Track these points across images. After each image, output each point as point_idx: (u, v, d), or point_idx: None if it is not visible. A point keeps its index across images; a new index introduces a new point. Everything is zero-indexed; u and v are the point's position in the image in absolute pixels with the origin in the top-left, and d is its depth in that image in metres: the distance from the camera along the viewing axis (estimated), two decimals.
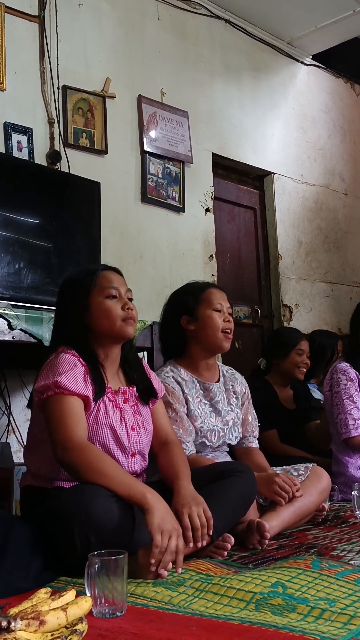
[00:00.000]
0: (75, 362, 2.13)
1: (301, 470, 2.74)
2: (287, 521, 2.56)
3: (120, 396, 2.23)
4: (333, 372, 3.42)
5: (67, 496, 1.92)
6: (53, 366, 2.12)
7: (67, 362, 2.12)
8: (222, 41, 5.18)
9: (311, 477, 2.72)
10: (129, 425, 2.20)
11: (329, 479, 2.80)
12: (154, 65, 4.63)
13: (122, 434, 2.17)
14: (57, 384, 2.06)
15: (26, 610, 1.43)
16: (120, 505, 1.91)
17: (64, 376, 2.07)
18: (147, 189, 4.42)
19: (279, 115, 5.62)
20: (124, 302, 2.25)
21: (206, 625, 1.45)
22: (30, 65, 3.89)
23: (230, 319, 2.77)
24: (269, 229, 5.53)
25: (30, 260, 3.30)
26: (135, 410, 2.26)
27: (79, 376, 2.10)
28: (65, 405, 2.05)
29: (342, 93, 6.37)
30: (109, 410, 2.16)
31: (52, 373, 2.10)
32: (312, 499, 2.65)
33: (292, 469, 2.76)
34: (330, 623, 1.43)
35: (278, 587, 1.65)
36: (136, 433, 2.22)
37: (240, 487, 2.28)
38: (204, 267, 4.77)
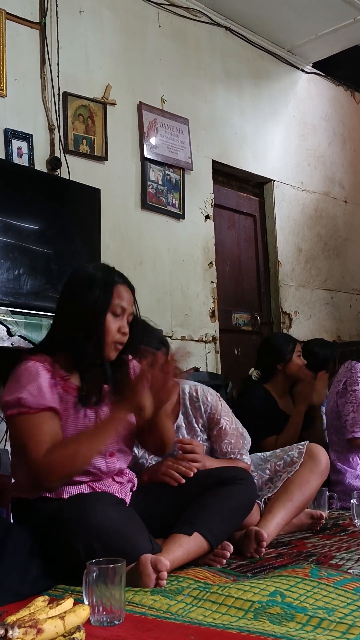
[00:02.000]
0: (38, 369, 2.03)
1: (295, 456, 2.69)
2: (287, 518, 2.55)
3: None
4: (352, 370, 3.39)
5: (70, 504, 1.91)
6: (16, 377, 2.05)
7: (29, 372, 2.03)
8: (222, 48, 5.19)
9: (306, 461, 2.65)
10: None
11: (326, 457, 2.73)
12: (155, 72, 4.64)
13: None
14: (20, 401, 1.99)
15: (24, 619, 1.43)
16: (123, 513, 1.91)
17: (27, 391, 1.99)
18: (147, 195, 4.43)
19: (279, 123, 5.63)
20: (121, 325, 2.14)
21: (204, 634, 1.44)
22: (31, 72, 3.90)
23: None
24: (268, 236, 5.53)
25: (30, 266, 3.30)
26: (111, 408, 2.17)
27: (43, 386, 2.01)
28: (31, 427, 1.99)
29: (342, 101, 6.38)
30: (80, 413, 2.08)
31: (15, 386, 2.03)
32: (310, 485, 2.61)
33: (286, 455, 2.73)
34: (328, 632, 1.43)
35: (276, 596, 1.64)
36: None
37: (241, 495, 2.26)
38: (203, 274, 4.77)
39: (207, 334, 4.71)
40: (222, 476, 2.29)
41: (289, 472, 2.64)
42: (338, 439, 3.42)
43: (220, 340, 4.84)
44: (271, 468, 2.74)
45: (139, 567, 1.81)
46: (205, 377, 4.18)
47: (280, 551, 2.41)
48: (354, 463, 3.34)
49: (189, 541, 2.04)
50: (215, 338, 4.78)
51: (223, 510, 2.18)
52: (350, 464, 3.34)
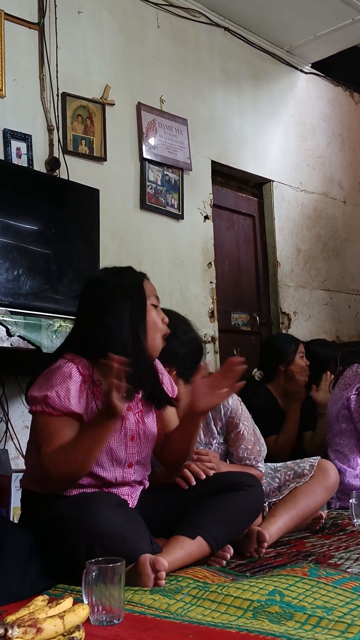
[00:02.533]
0: (71, 371, 2.04)
1: (306, 468, 2.69)
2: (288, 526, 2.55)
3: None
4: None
5: (70, 505, 1.91)
6: (48, 374, 2.07)
7: (62, 372, 2.04)
8: (221, 49, 5.20)
9: (317, 475, 2.65)
10: (128, 436, 2.13)
11: (337, 474, 2.74)
12: (154, 73, 4.65)
13: (118, 446, 2.10)
14: (46, 400, 2.01)
15: (23, 618, 1.43)
16: (124, 515, 1.91)
17: (55, 391, 2.01)
18: (146, 196, 4.43)
19: (278, 123, 5.63)
20: (162, 315, 2.20)
21: (203, 633, 1.45)
22: (30, 72, 3.90)
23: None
24: (267, 236, 5.54)
25: (29, 266, 3.30)
26: (139, 418, 2.18)
27: (72, 389, 2.02)
28: (50, 428, 2.02)
29: (341, 101, 6.39)
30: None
31: (46, 383, 2.05)
32: (317, 497, 2.61)
33: (297, 466, 2.73)
34: (327, 631, 1.43)
35: (275, 595, 1.64)
36: (136, 444, 2.15)
37: (248, 502, 2.23)
38: (202, 275, 4.78)
39: (206, 335, 4.71)
40: (231, 481, 2.26)
41: (298, 482, 2.63)
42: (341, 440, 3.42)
43: (220, 341, 4.84)
44: (281, 477, 2.73)
45: (138, 567, 1.82)
46: None
47: (279, 550, 2.41)
48: (354, 463, 3.34)
49: (191, 544, 2.03)
50: (214, 338, 4.78)
51: (228, 516, 2.16)
52: (350, 464, 3.34)
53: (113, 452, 2.10)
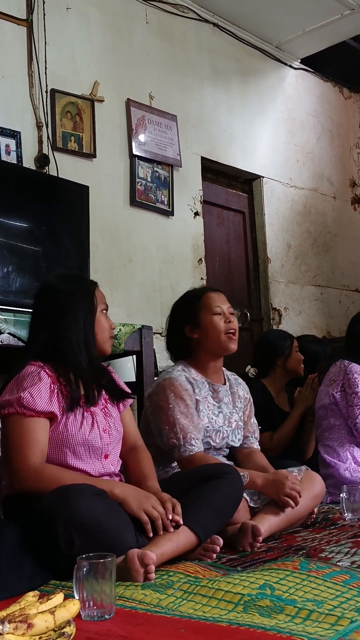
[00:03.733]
0: (40, 373, 2.14)
1: (294, 472, 2.74)
2: (279, 525, 2.56)
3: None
4: (347, 372, 3.41)
5: (51, 496, 1.92)
6: (18, 380, 2.15)
7: (31, 375, 2.14)
8: (210, 45, 5.19)
9: (304, 481, 2.71)
10: (100, 428, 2.22)
11: (323, 485, 2.80)
12: (143, 69, 4.64)
13: (94, 437, 2.19)
14: (19, 400, 2.08)
15: (14, 614, 1.43)
16: (105, 506, 1.92)
17: (28, 392, 2.09)
18: (136, 192, 4.43)
19: (267, 119, 5.64)
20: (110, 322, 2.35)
21: (194, 627, 1.45)
22: (18, 69, 3.89)
23: (232, 319, 2.81)
24: (258, 232, 5.54)
25: (18, 264, 3.30)
26: (105, 413, 2.29)
27: (43, 389, 2.11)
28: (24, 429, 2.08)
29: (330, 97, 6.40)
30: (77, 416, 2.18)
31: (17, 387, 2.13)
32: (305, 503, 2.64)
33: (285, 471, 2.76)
34: (317, 624, 1.43)
35: (266, 589, 1.65)
36: (108, 435, 2.24)
37: (228, 488, 2.28)
38: (193, 271, 4.78)
39: None
40: (210, 471, 2.32)
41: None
42: (331, 435, 3.43)
43: None
44: None
45: (126, 562, 1.82)
46: None
47: (270, 545, 2.41)
48: (344, 457, 3.35)
49: (177, 534, 2.05)
50: None
51: (210, 504, 2.20)
52: (340, 458, 3.35)
53: (89, 443, 2.18)
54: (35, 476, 2.02)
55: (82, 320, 2.24)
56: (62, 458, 2.14)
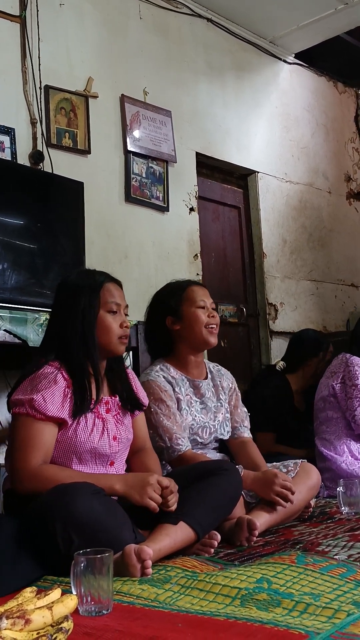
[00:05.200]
0: (57, 377, 2.13)
1: (290, 466, 2.74)
2: (275, 519, 2.57)
3: (103, 406, 2.25)
4: (348, 364, 3.42)
5: (49, 495, 1.92)
6: (33, 380, 2.13)
7: (48, 378, 2.12)
8: (204, 40, 5.18)
9: (300, 474, 2.72)
10: (110, 436, 2.21)
11: (318, 476, 2.81)
12: (137, 65, 4.63)
13: (102, 445, 2.18)
14: (31, 402, 2.07)
15: (12, 610, 1.43)
16: (103, 504, 1.92)
17: (41, 395, 2.08)
18: (131, 188, 4.42)
19: (262, 114, 5.63)
20: (122, 320, 2.28)
21: (192, 622, 1.45)
22: (12, 66, 3.88)
23: (214, 314, 2.80)
24: (253, 227, 5.54)
25: (14, 261, 3.29)
26: (117, 420, 2.28)
27: (57, 394, 2.10)
28: (31, 431, 2.07)
29: (324, 91, 6.39)
30: (89, 422, 2.17)
31: (31, 388, 2.11)
32: (301, 496, 2.65)
33: (282, 466, 2.76)
34: (315, 617, 1.44)
35: (263, 583, 1.65)
36: (117, 442, 2.24)
37: (226, 485, 2.29)
38: (189, 267, 4.78)
39: None
40: (209, 467, 2.33)
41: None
42: (328, 428, 3.44)
43: None
44: None
45: (123, 557, 1.82)
46: None
47: (267, 539, 2.42)
48: (341, 450, 3.37)
49: (175, 530, 2.06)
50: None
51: (208, 500, 2.21)
52: (337, 452, 3.36)
53: (97, 451, 2.18)
54: (34, 477, 2.03)
55: (80, 320, 2.21)
56: (67, 463, 2.14)
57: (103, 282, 2.29)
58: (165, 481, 2.07)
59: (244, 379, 5.23)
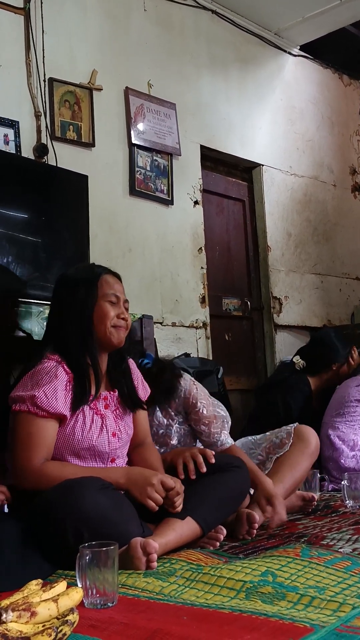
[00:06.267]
0: (58, 371, 2.10)
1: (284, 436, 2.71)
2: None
3: (102, 402, 2.22)
4: None
5: (56, 490, 1.92)
6: (34, 375, 2.10)
7: (49, 373, 2.09)
8: (208, 32, 5.16)
9: (296, 442, 2.69)
10: (109, 432, 2.19)
11: (316, 438, 2.76)
12: (141, 57, 4.61)
13: (101, 442, 2.16)
14: (33, 399, 2.04)
15: (17, 602, 1.43)
16: (111, 499, 1.92)
17: (43, 390, 2.05)
18: (135, 181, 4.41)
19: (266, 107, 5.61)
20: (120, 311, 2.24)
21: (197, 615, 1.46)
22: (16, 58, 3.86)
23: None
24: (258, 221, 5.53)
25: (18, 254, 3.29)
26: (116, 415, 2.25)
27: (59, 388, 2.08)
28: (33, 429, 2.05)
29: (330, 84, 6.36)
30: (87, 419, 2.15)
31: (32, 383, 2.08)
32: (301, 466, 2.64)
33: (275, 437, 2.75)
34: (319, 610, 1.44)
35: (268, 576, 1.66)
36: (117, 439, 2.21)
37: (235, 482, 2.29)
38: (193, 260, 4.77)
39: (197, 320, 4.72)
40: (217, 463, 2.30)
41: (278, 452, 2.66)
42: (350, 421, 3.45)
43: (211, 326, 4.84)
44: (263, 452, 2.76)
45: (129, 550, 1.83)
46: (196, 362, 4.19)
47: (271, 532, 2.42)
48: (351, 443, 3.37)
49: (181, 525, 2.06)
50: (205, 324, 4.78)
51: (216, 496, 2.20)
52: (347, 444, 3.37)
53: (96, 448, 2.16)
54: (38, 476, 2.01)
55: (79, 313, 2.19)
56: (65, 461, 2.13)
57: (101, 274, 2.27)
58: (170, 482, 2.05)
59: (247, 373, 5.24)
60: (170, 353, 4.38)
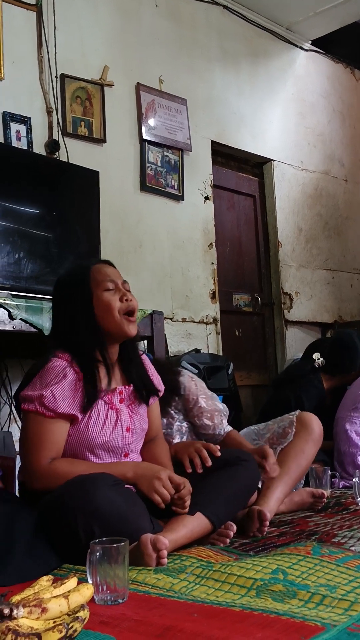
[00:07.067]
0: (66, 370, 2.09)
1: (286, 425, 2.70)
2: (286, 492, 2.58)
3: (117, 396, 2.21)
4: None
5: (68, 488, 1.93)
6: (43, 374, 2.10)
7: (58, 373, 2.08)
8: (219, 27, 5.15)
9: (299, 430, 2.67)
10: (124, 427, 2.18)
11: (319, 425, 2.75)
12: (152, 53, 4.61)
13: (115, 437, 2.15)
14: (41, 399, 2.04)
15: (28, 598, 1.44)
16: (122, 495, 1.92)
17: (50, 390, 2.05)
18: (146, 177, 4.41)
19: (277, 102, 5.59)
20: (121, 294, 2.20)
21: (207, 612, 1.45)
22: (28, 54, 3.87)
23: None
24: (268, 216, 5.52)
25: (29, 250, 3.30)
26: (131, 410, 2.23)
27: (67, 388, 2.07)
28: (41, 429, 2.05)
29: (341, 78, 6.33)
30: (101, 414, 2.14)
31: (40, 383, 2.08)
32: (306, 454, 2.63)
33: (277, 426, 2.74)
34: (331, 609, 1.43)
35: (279, 574, 1.65)
36: (131, 434, 2.20)
37: (244, 476, 2.28)
38: (203, 256, 4.77)
39: (207, 316, 4.71)
40: (226, 457, 2.31)
41: (282, 443, 2.65)
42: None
43: (221, 322, 4.84)
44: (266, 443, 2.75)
45: (139, 547, 1.83)
46: (207, 358, 4.19)
47: (282, 530, 2.42)
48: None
49: (192, 521, 2.06)
50: (216, 319, 4.78)
51: (226, 491, 2.20)
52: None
53: (109, 444, 2.15)
54: (46, 476, 2.02)
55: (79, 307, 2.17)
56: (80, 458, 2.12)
57: (89, 266, 2.25)
58: (178, 479, 2.05)
59: (258, 369, 5.24)
60: (181, 349, 4.38)
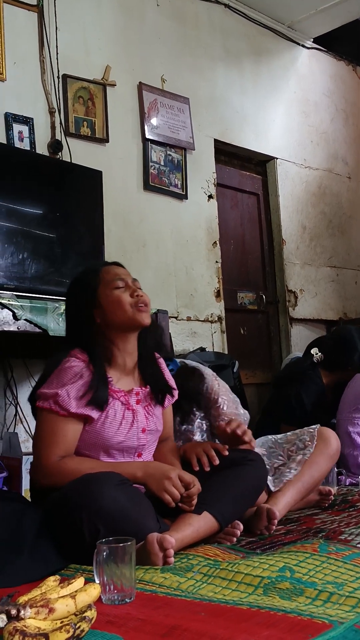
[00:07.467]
0: (82, 371, 2.10)
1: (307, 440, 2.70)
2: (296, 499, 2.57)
3: (133, 397, 2.21)
4: None
5: (73, 486, 1.93)
6: (60, 373, 2.11)
7: (74, 372, 2.09)
8: (222, 26, 5.14)
9: (318, 444, 2.67)
10: (139, 428, 2.18)
11: (338, 442, 2.75)
12: (154, 52, 4.61)
13: (131, 437, 2.16)
14: (56, 397, 2.06)
15: (35, 598, 1.44)
16: (127, 494, 1.92)
17: (66, 390, 2.06)
18: (149, 176, 4.41)
19: (280, 100, 5.59)
20: (132, 290, 2.22)
21: (214, 611, 1.45)
22: (30, 55, 3.87)
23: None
24: (272, 214, 5.51)
25: (33, 250, 3.30)
26: (148, 411, 2.24)
27: (82, 389, 2.08)
28: (54, 427, 2.07)
29: (344, 76, 6.32)
30: (117, 414, 2.14)
31: (57, 381, 2.10)
32: (320, 467, 2.63)
33: (298, 440, 2.74)
34: (338, 606, 1.43)
35: (286, 572, 1.65)
36: (146, 435, 2.21)
37: (251, 476, 2.28)
38: (207, 254, 4.76)
39: (212, 314, 4.71)
40: (233, 457, 2.30)
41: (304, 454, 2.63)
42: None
43: (226, 320, 4.84)
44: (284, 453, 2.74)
45: (146, 546, 1.83)
46: (212, 357, 4.19)
47: (289, 528, 2.42)
48: None
49: (198, 520, 2.06)
50: (220, 318, 4.78)
51: (232, 491, 2.19)
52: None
53: (124, 444, 2.16)
54: (54, 473, 2.03)
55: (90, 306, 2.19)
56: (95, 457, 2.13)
57: (99, 266, 2.30)
58: (188, 477, 2.04)
59: (263, 367, 5.23)
60: (186, 347, 4.38)
